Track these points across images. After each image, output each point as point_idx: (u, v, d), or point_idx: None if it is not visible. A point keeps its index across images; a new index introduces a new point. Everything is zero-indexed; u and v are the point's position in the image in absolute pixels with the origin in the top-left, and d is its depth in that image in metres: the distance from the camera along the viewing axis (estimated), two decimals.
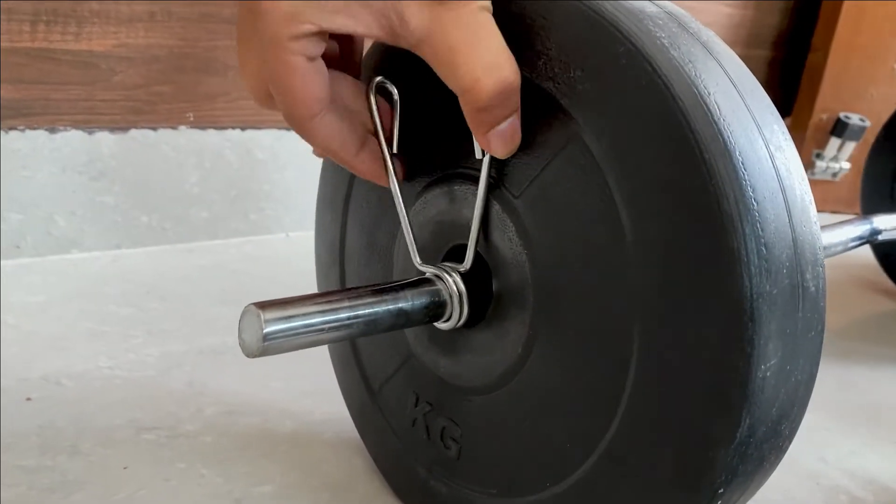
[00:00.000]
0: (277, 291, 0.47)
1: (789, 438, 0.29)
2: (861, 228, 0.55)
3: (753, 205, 0.25)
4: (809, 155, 1.34)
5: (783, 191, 0.27)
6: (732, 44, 1.28)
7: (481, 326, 0.35)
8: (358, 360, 0.44)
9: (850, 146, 1.31)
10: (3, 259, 0.70)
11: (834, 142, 1.31)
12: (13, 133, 0.67)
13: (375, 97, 0.34)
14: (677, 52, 0.27)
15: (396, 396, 0.42)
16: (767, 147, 0.27)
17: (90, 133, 0.71)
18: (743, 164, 0.25)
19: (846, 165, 1.33)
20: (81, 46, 0.68)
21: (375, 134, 0.34)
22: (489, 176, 0.33)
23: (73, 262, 0.74)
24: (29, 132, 0.68)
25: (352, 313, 0.31)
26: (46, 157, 0.69)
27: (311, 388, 0.55)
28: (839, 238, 0.52)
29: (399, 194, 0.35)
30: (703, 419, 0.26)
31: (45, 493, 0.42)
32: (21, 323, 0.62)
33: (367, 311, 0.31)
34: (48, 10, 0.66)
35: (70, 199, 0.72)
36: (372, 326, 0.31)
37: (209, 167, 0.79)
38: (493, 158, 0.32)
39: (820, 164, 1.33)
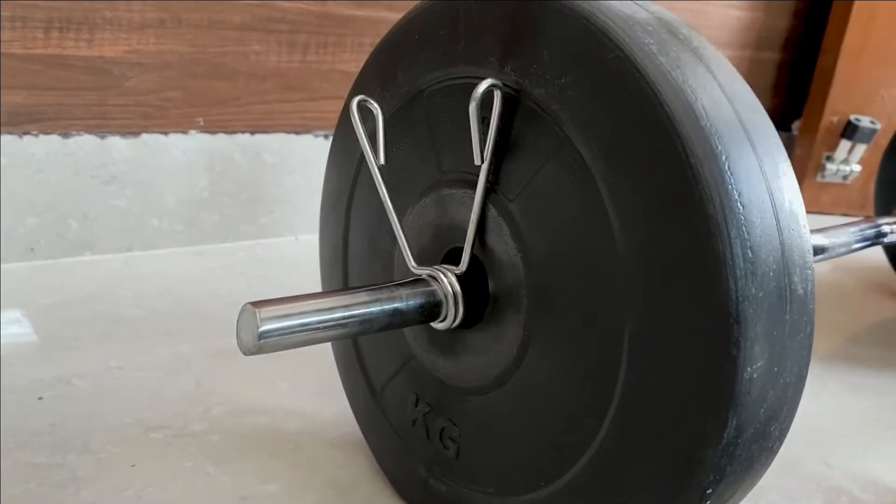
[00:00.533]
0: (286, 293, 0.48)
1: (779, 439, 0.29)
2: (866, 230, 0.55)
3: (739, 208, 0.26)
4: (820, 157, 1.33)
5: (771, 194, 0.27)
6: (741, 47, 1.28)
7: (479, 328, 0.36)
8: (360, 361, 0.45)
9: (861, 149, 1.30)
10: (18, 262, 0.71)
11: (844, 144, 1.30)
12: (27, 138, 0.69)
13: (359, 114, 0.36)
14: (665, 58, 0.27)
15: (397, 397, 0.42)
16: (755, 151, 0.27)
17: (102, 137, 0.73)
18: (729, 168, 0.26)
19: (857, 168, 1.33)
20: (94, 53, 0.69)
21: (362, 147, 0.35)
22: (487, 181, 0.33)
23: (85, 264, 0.75)
24: (42, 137, 0.69)
25: (347, 313, 0.31)
26: (60, 161, 0.71)
27: (318, 389, 0.56)
28: (843, 240, 0.52)
29: (389, 202, 0.36)
30: (690, 420, 0.27)
31: (55, 490, 0.43)
32: (35, 324, 0.63)
33: (362, 310, 0.32)
34: (61, 18, 0.67)
35: (83, 202, 0.73)
36: (367, 325, 0.32)
37: (219, 171, 0.80)
38: (490, 164, 0.33)
39: (830, 166, 1.33)
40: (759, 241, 0.26)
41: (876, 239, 0.54)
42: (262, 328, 0.29)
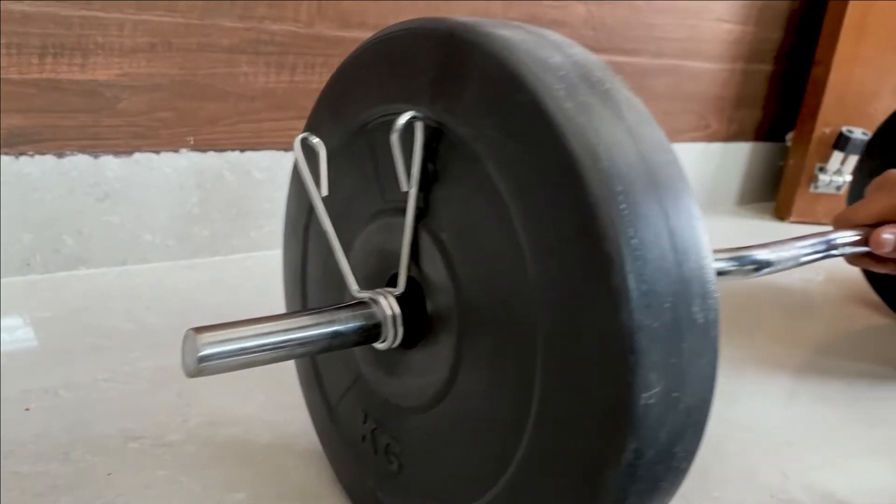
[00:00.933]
0: (272, 303, 0.50)
1: (687, 459, 0.31)
2: (817, 244, 0.54)
3: (635, 245, 0.27)
4: (813, 168, 1.34)
5: (671, 231, 0.28)
6: (733, 59, 1.29)
7: (418, 349, 0.38)
8: (318, 377, 0.48)
9: (853, 160, 1.31)
10: (14, 276, 0.75)
11: (837, 155, 1.31)
12: (23, 158, 0.72)
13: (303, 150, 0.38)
14: (573, 102, 0.29)
15: (349, 413, 0.45)
16: (657, 190, 0.29)
17: (96, 157, 0.76)
18: (627, 207, 0.28)
19: (849, 179, 1.33)
20: (87, 76, 0.73)
21: (304, 180, 0.38)
22: (416, 208, 0.36)
23: (80, 277, 0.78)
24: (38, 157, 0.72)
25: (286, 337, 0.33)
26: (55, 180, 0.74)
27: (292, 402, 0.58)
28: (791, 254, 0.50)
29: (332, 230, 0.38)
30: (592, 443, 0.29)
31: (35, 498, 0.46)
32: (28, 337, 0.66)
33: (301, 334, 0.34)
34: (55, 44, 0.70)
35: (77, 219, 0.76)
36: (308, 348, 0.34)
37: (210, 188, 0.83)
38: (421, 194, 0.35)
39: (823, 177, 1.33)
40: (655, 275, 0.27)
41: (827, 251, 0.54)
42: (202, 353, 0.31)
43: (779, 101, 1.41)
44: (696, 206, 0.30)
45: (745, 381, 0.74)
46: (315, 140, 0.38)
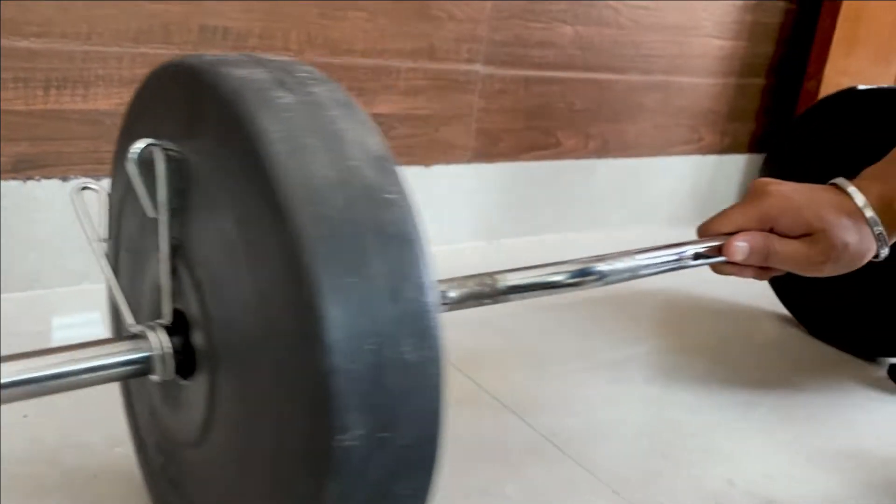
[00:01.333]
0: None
1: (416, 497, 0.31)
2: (667, 254, 0.53)
3: (337, 288, 0.27)
4: None
5: (386, 272, 0.28)
6: (724, 74, 1.32)
7: (190, 381, 0.37)
8: (131, 406, 0.49)
9: None
10: (22, 291, 0.80)
11: None
12: (30, 183, 0.77)
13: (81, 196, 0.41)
14: (289, 145, 0.29)
15: (150, 444, 0.46)
16: (374, 232, 0.28)
17: (98, 180, 0.81)
18: (333, 252, 0.27)
19: None
20: (88, 106, 0.78)
21: (80, 225, 0.40)
22: (172, 239, 0.36)
23: (82, 292, 0.83)
24: (44, 181, 0.78)
25: (37, 374, 0.33)
26: (59, 202, 0.79)
27: None
28: (625, 265, 0.50)
29: (108, 269, 0.40)
30: (304, 484, 0.29)
31: (24, 498, 0.51)
32: (32, 349, 0.71)
33: (55, 370, 0.33)
34: (59, 77, 0.76)
35: (80, 237, 0.81)
36: (67, 384, 0.33)
37: None
38: (174, 225, 0.36)
39: None
40: (358, 319, 0.27)
41: (680, 261, 0.53)
42: None
43: (772, 113, 1.43)
44: (423, 245, 0.30)
45: (678, 391, 0.77)
46: (83, 189, 0.40)
